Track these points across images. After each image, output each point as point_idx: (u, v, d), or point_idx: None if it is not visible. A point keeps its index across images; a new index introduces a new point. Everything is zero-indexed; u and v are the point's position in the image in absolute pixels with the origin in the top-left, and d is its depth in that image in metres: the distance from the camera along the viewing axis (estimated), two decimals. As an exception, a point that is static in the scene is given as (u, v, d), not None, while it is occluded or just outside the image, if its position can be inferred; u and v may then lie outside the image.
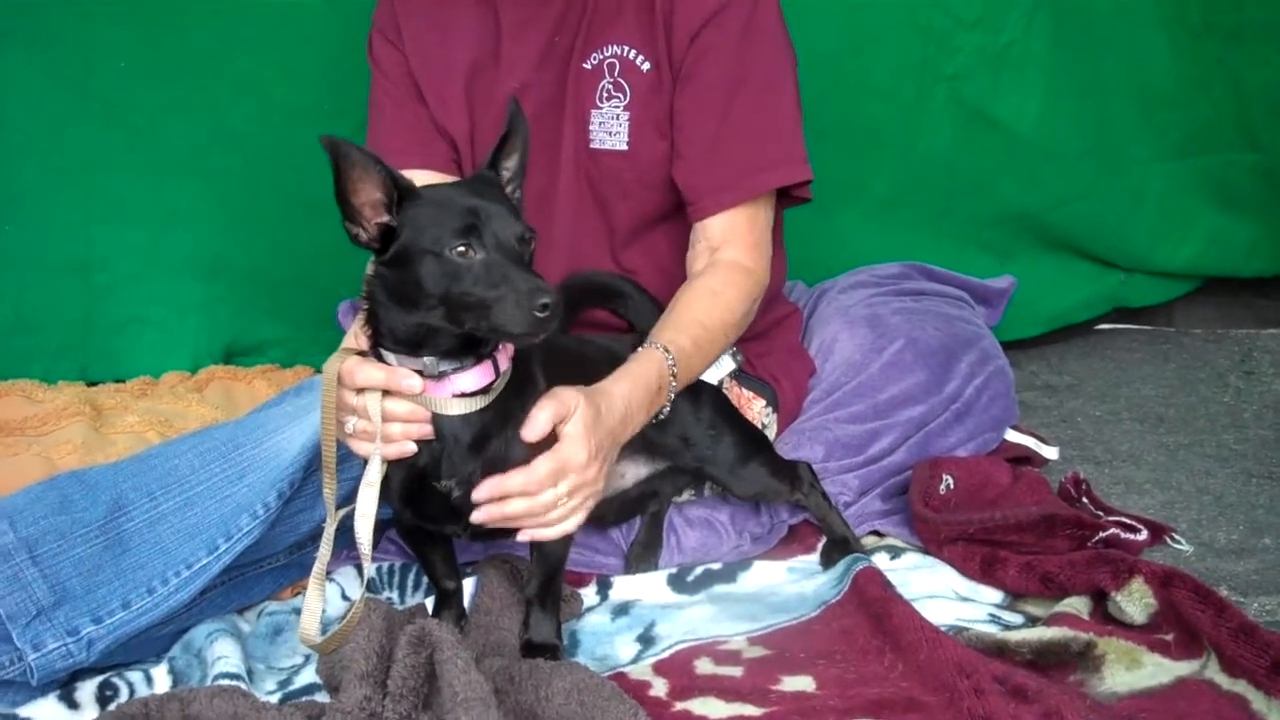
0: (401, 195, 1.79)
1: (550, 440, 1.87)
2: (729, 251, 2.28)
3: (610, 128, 2.38)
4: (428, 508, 1.94)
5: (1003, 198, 3.57)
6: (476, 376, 1.85)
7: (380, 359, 1.86)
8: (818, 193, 2.49)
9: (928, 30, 3.39)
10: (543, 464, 1.85)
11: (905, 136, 3.49)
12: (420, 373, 1.83)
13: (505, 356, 1.89)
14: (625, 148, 2.38)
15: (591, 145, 2.39)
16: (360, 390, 1.84)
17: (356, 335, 1.90)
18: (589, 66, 2.38)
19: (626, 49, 2.36)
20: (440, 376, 1.84)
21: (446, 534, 2.07)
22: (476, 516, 1.88)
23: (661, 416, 2.14)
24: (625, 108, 2.37)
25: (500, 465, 1.87)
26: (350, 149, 1.75)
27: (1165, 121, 3.56)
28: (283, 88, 3.27)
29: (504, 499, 1.86)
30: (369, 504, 1.85)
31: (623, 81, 2.36)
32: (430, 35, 2.46)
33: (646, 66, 2.35)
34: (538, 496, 1.86)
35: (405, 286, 1.78)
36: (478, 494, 1.86)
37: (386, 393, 1.83)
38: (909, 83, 3.44)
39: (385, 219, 1.79)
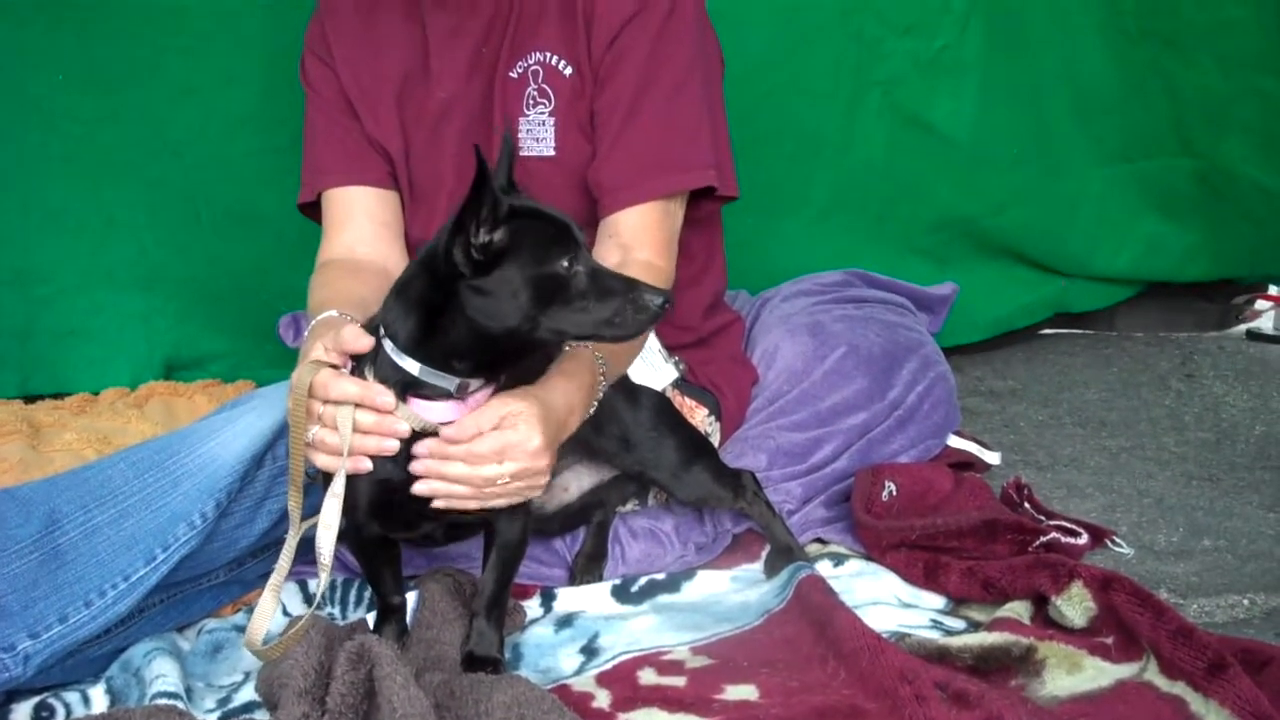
0: (499, 213, 1.77)
1: None
2: (642, 252, 2.27)
3: (537, 134, 2.38)
4: (396, 515, 1.94)
5: (940, 203, 3.58)
6: (457, 410, 1.85)
7: (358, 374, 1.85)
8: (755, 199, 2.48)
9: (859, 36, 3.40)
10: (488, 440, 1.85)
11: (841, 142, 3.51)
12: (440, 389, 1.83)
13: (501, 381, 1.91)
14: (553, 153, 2.38)
15: (520, 153, 2.38)
16: (328, 402, 1.84)
17: (328, 350, 1.87)
18: (515, 75, 2.37)
19: (549, 55, 2.36)
20: (469, 393, 1.84)
21: (414, 540, 2.07)
22: (416, 467, 1.87)
23: (588, 414, 2.13)
24: (551, 114, 2.37)
25: None
26: (484, 164, 1.72)
27: (1102, 127, 3.58)
28: (221, 96, 3.25)
29: (445, 460, 1.86)
30: (333, 515, 1.84)
31: (547, 88, 2.36)
32: (361, 52, 2.45)
33: (568, 71, 2.35)
34: (477, 468, 1.86)
35: (502, 303, 1.78)
36: (418, 448, 1.86)
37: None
38: (843, 88, 3.45)
39: (486, 237, 1.77)
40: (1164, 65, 3.46)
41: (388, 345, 1.84)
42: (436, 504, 1.89)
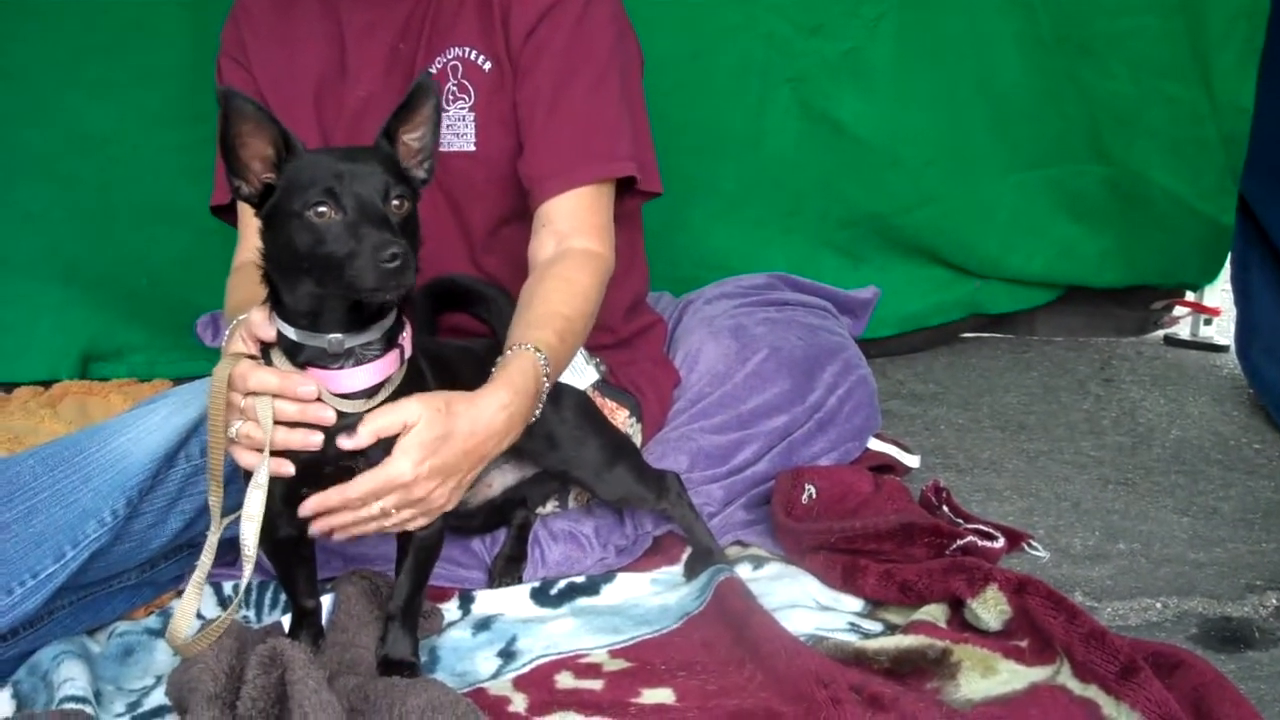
0: (288, 154, 1.77)
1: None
2: (578, 240, 2.27)
3: (457, 129, 2.37)
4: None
5: (850, 200, 3.63)
6: (367, 375, 1.82)
7: (269, 362, 1.83)
8: (668, 191, 2.49)
9: (768, 36, 3.46)
10: (361, 483, 1.82)
11: (750, 137, 3.56)
12: (324, 350, 1.80)
13: (405, 346, 1.87)
14: (473, 148, 2.37)
15: (441, 149, 2.37)
16: (249, 395, 1.81)
17: (246, 340, 1.85)
18: (434, 71, 2.36)
19: (468, 50, 2.36)
20: (348, 355, 1.81)
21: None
22: (312, 530, 1.88)
23: (533, 419, 2.11)
24: (471, 108, 2.36)
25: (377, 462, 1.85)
26: (243, 101, 1.74)
27: (1017, 133, 3.63)
28: (139, 92, 3.24)
29: (330, 512, 1.85)
30: (256, 506, 1.81)
31: (466, 83, 2.36)
32: (276, 53, 2.43)
33: (487, 66, 2.35)
34: (359, 511, 1.84)
35: (279, 249, 1.78)
36: (303, 509, 1.85)
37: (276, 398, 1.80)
38: (752, 85, 3.51)
39: (270, 176, 1.77)
40: (1078, 73, 3.52)
41: (275, 318, 1.83)
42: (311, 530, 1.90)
